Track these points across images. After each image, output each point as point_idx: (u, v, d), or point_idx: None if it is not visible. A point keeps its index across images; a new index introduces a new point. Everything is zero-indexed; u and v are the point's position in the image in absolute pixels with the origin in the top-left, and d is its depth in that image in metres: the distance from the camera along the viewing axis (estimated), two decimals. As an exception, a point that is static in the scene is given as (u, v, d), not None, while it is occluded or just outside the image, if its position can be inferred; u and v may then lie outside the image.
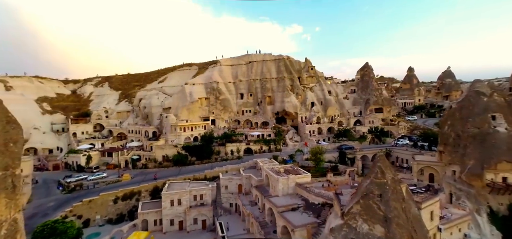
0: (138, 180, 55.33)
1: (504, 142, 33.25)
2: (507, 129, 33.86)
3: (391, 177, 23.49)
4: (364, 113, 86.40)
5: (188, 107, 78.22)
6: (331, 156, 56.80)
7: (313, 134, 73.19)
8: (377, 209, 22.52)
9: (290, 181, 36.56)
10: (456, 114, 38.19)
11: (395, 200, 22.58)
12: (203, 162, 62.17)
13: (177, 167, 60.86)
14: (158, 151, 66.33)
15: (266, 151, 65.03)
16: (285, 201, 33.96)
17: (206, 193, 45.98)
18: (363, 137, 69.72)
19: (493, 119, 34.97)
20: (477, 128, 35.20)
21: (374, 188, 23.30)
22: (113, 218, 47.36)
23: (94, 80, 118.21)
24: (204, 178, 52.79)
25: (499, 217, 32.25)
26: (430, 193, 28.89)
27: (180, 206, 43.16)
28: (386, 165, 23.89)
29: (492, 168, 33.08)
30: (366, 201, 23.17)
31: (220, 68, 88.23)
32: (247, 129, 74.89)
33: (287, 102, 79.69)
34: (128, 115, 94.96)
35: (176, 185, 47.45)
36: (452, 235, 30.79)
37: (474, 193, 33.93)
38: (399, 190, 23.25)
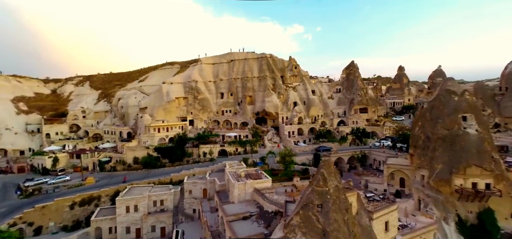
0: (103, 184, 52.40)
1: (474, 145, 30.83)
2: (477, 131, 31.44)
3: (335, 185, 20.90)
4: (348, 113, 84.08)
5: (165, 107, 75.37)
6: (305, 158, 54.24)
7: (292, 135, 70.62)
8: (315, 222, 19.92)
9: (247, 187, 33.92)
10: (426, 115, 35.75)
11: (336, 211, 19.99)
12: (174, 164, 59.37)
13: (146, 170, 58.02)
14: (129, 153, 63.36)
15: (241, 152, 62.33)
16: (238, 209, 31.30)
17: (167, 198, 43.31)
18: (343, 138, 67.22)
19: (464, 120, 32.55)
20: (447, 129, 32.78)
21: (315, 197, 20.70)
22: (68, 225, 44.45)
23: (75, 79, 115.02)
24: (170, 181, 50.08)
25: (468, 226, 29.81)
26: (387, 201, 26.36)
27: (136, 213, 40.41)
28: (330, 171, 21.29)
29: (461, 172, 30.64)
30: (306, 212, 20.56)
31: (200, 67, 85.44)
32: (224, 129, 72.12)
33: (267, 102, 77.07)
34: (107, 115, 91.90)
35: (137, 190, 44.69)
36: (415, 247, 28.29)
37: (442, 199, 31.48)
38: (343, 199, 20.66)
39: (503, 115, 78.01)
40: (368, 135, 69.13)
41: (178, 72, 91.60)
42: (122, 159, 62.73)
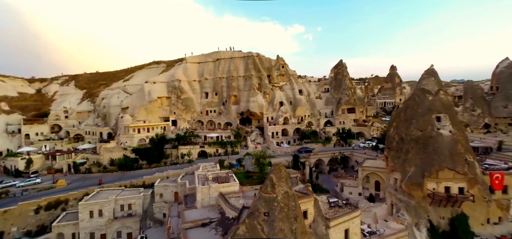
0: (74, 187, 50.46)
1: (447, 147, 29.30)
2: (451, 132, 29.93)
3: (284, 191, 19.22)
4: (335, 113, 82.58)
5: (146, 107, 73.47)
6: (284, 160, 52.53)
7: (276, 136, 68.95)
8: (260, 232, 18.23)
9: (212, 191, 32.13)
10: (401, 115, 34.24)
11: (284, 219, 18.32)
12: (152, 166, 57.49)
13: (122, 172, 56.09)
14: (105, 154, 61.41)
15: (222, 154, 60.53)
16: (199, 214, 29.52)
17: (136, 202, 41.46)
18: (328, 139, 65.65)
19: (438, 120, 31.03)
20: (420, 130, 31.24)
21: (261, 205, 19.03)
22: (32, 230, 42.40)
23: (61, 78, 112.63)
24: (143, 184, 48.15)
25: (439, 233, 28.26)
26: (350, 207, 24.71)
27: (101, 218, 38.47)
28: (280, 177, 19.61)
29: (433, 176, 29.09)
30: (251, 221, 18.88)
31: (185, 66, 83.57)
32: (206, 130, 70.30)
33: (252, 102, 75.37)
34: (90, 115, 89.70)
35: (104, 193, 42.76)
36: (382, 255, 26.65)
37: (414, 204, 29.92)
38: (293, 207, 18.99)
39: (493, 116, 76.97)
40: (353, 136, 67.61)
41: (163, 71, 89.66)
42: (98, 161, 60.76)
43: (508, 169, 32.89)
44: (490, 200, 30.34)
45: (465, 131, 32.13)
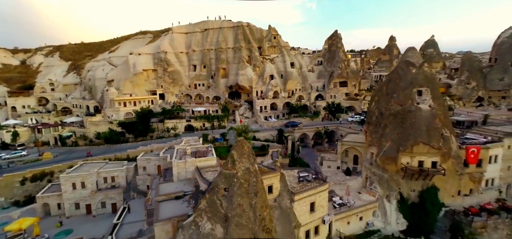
0: (60, 159, 50.79)
1: (424, 122, 28.78)
2: (430, 107, 29.19)
3: (245, 168, 18.94)
4: (327, 87, 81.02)
5: (132, 80, 71.38)
6: (269, 134, 52.50)
7: (264, 110, 68.19)
8: (219, 206, 18.30)
9: (188, 165, 32.22)
10: (383, 89, 33.19)
11: (243, 195, 18.28)
12: (138, 140, 57.45)
13: (108, 145, 56.17)
14: (91, 128, 61.04)
15: (208, 128, 60.27)
16: (174, 188, 29.94)
17: (119, 174, 41.96)
18: (316, 113, 65.11)
19: (419, 94, 30.08)
20: (400, 104, 30.45)
21: (221, 181, 18.87)
22: (20, 200, 43.41)
23: (45, 49, 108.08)
24: (127, 157, 48.42)
25: (408, 204, 29.01)
26: (318, 181, 24.86)
27: (84, 189, 39.18)
28: (241, 153, 19.19)
29: (408, 150, 28.99)
30: (211, 196, 18.87)
31: (171, 37, 79.59)
32: (193, 104, 69.19)
33: (241, 75, 73.28)
34: (76, 88, 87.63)
35: (87, 166, 43.17)
36: (350, 225, 27.60)
37: (387, 178, 30.28)
38: (253, 182, 18.85)
39: (488, 89, 75.96)
40: (341, 110, 67.01)
41: (150, 42, 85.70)
42: (84, 134, 60.53)
43: (485, 143, 32.89)
44: (463, 174, 30.73)
45: (445, 105, 31.40)
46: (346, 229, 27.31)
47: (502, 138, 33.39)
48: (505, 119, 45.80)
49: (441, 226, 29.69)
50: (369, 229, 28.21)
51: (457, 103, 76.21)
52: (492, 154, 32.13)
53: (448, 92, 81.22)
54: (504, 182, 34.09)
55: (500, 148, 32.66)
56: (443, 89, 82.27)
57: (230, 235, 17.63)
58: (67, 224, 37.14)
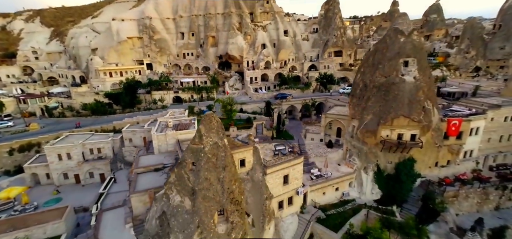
0: (47, 130, 50.66)
1: (407, 94, 28.06)
2: (415, 78, 28.23)
3: (214, 142, 18.66)
4: (321, 57, 78.23)
5: (116, 48, 68.19)
6: (257, 106, 51.86)
7: (255, 81, 66.57)
8: (187, 180, 18.41)
9: (168, 138, 32.10)
10: (369, 60, 31.81)
11: (210, 169, 18.28)
12: (125, 111, 56.77)
13: (95, 117, 55.66)
14: (78, 99, 59.96)
15: (197, 100, 59.31)
16: (155, 160, 30.20)
17: (105, 146, 42.11)
18: (307, 85, 63.79)
19: (405, 65, 28.90)
20: (385, 76, 29.41)
21: (188, 155, 18.70)
22: (10, 169, 44.27)
23: (24, 14, 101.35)
24: (113, 129, 48.27)
25: (384, 176, 29.70)
26: (293, 155, 24.96)
27: (70, 160, 39.64)
28: (210, 128, 18.75)
29: (388, 123, 28.77)
30: (179, 170, 18.89)
31: (156, 1, 74.14)
32: (182, 74, 67.18)
33: (231, 43, 70.00)
34: (61, 57, 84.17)
35: (72, 138, 43.15)
36: (325, 195, 28.50)
37: (366, 150, 30.53)
38: (222, 157, 18.74)
39: (487, 58, 73.69)
40: (333, 81, 65.58)
41: (134, 6, 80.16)
42: (71, 105, 59.63)
43: (469, 115, 32.65)
44: (441, 146, 30.98)
45: (431, 76, 30.38)
46: (322, 199, 28.25)
47: (487, 110, 33.07)
48: (495, 90, 45.07)
49: (414, 195, 30.80)
50: (344, 199, 29.22)
51: (453, 74, 74.64)
52: (473, 126, 32.08)
53: (446, 62, 78.95)
54: (482, 154, 34.67)
55: (483, 120, 32.52)
56: (442, 59, 79.89)
57: (197, 208, 18.02)
58: (42, 194, 38.25)
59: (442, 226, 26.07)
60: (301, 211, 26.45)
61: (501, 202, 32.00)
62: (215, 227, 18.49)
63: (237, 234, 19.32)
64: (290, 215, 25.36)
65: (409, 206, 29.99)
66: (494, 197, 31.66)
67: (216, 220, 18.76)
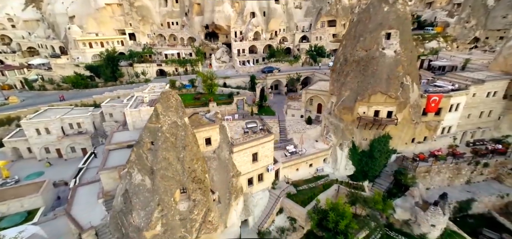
0: (29, 104, 49.53)
1: (386, 69, 26.93)
2: (396, 52, 26.86)
3: (172, 121, 18.05)
4: (313, 27, 74.43)
5: (95, 16, 63.94)
6: (242, 81, 50.40)
7: (242, 53, 63.94)
8: (145, 160, 18.16)
9: (142, 114, 31.40)
10: (351, 32, 29.98)
11: (169, 149, 17.94)
12: (107, 85, 55.10)
13: (77, 90, 54.16)
14: (58, 71, 57.77)
15: (182, 73, 57.37)
16: (128, 136, 29.83)
17: (84, 121, 41.52)
18: (296, 58, 61.49)
19: (387, 38, 27.31)
20: (365, 50, 27.96)
21: (146, 135, 18.20)
22: (-9, 144, 44.05)
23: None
24: (93, 103, 47.25)
25: (358, 152, 29.85)
26: (264, 132, 24.58)
27: (50, 135, 39.34)
28: (167, 106, 17.98)
29: (365, 100, 28.08)
30: (138, 150, 18.53)
31: (135, -38, 67.61)
32: (165, 46, 64.09)
33: (218, 12, 65.75)
34: (39, 25, 79.32)
35: (51, 112, 42.38)
36: (299, 171, 28.86)
37: (342, 127, 30.25)
38: (182, 136, 18.27)
39: (487, 28, 70.59)
40: (323, 54, 63.17)
41: (112, -32, 73.31)
42: (51, 78, 57.62)
43: (452, 90, 31.93)
44: (418, 122, 30.73)
45: (414, 49, 28.92)
46: (295, 175, 28.65)
47: (470, 85, 32.26)
48: (485, 64, 43.71)
49: (387, 171, 31.35)
50: (318, 175, 29.68)
51: (450, 46, 72.12)
52: (454, 102, 31.53)
53: (444, 32, 75.77)
54: (461, 129, 34.66)
55: (464, 96, 31.88)
56: (440, 29, 76.73)
57: (156, 186, 18.04)
58: (39, 166, 38.65)
59: (408, 200, 26.90)
60: (273, 186, 26.94)
61: (472, 176, 32.82)
62: (176, 205, 18.75)
63: (200, 211, 19.72)
64: (261, 191, 25.87)
65: (381, 181, 30.66)
66: (466, 172, 32.37)
67: (178, 198, 18.96)
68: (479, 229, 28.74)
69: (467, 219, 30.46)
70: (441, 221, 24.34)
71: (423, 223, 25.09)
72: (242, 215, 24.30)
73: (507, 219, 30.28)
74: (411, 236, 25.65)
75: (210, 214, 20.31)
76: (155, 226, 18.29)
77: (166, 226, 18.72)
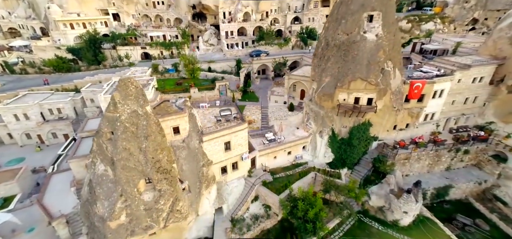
0: (10, 88, 48.17)
1: (367, 54, 25.82)
2: (377, 36, 25.61)
3: (132, 110, 17.29)
4: (306, 7, 71.31)
5: (75, -5, 60.64)
6: (227, 65, 48.91)
7: (231, 36, 61.64)
8: (105, 150, 17.63)
9: (118, 99, 30.36)
10: (334, 13, 28.43)
11: (129, 139, 17.34)
12: (90, 68, 53.39)
13: (59, 74, 52.54)
14: (39, 53, 55.73)
15: (167, 56, 55.49)
16: (103, 123, 29.08)
17: (64, 106, 40.64)
18: (285, 40, 59.42)
19: (369, 20, 25.93)
20: (346, 33, 26.66)
21: (105, 124, 17.52)
22: (-29, 126, 43.31)
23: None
24: (74, 88, 46.00)
25: (338, 140, 29.49)
26: (237, 121, 23.91)
27: (29, 121, 38.61)
28: (126, 94, 17.12)
29: (345, 87, 27.23)
30: (98, 140, 17.94)
31: None
32: (150, 27, 61.50)
33: (205, -10, 62.58)
34: (19, 4, 75.53)
35: (30, 97, 41.39)
36: (276, 159, 28.64)
37: (322, 114, 29.62)
38: (143, 126, 17.61)
39: (487, 9, 68.03)
40: (314, 37, 61.02)
41: None
42: (32, 61, 55.68)
43: (436, 76, 31.01)
44: (399, 109, 30.15)
45: (397, 33, 27.58)
46: (273, 163, 28.45)
47: (455, 71, 31.32)
48: (477, 47, 42.39)
49: (367, 158, 31.25)
50: (296, 162, 29.51)
51: (447, 27, 69.89)
52: (437, 88, 30.73)
53: (442, 13, 73.17)
54: (445, 116, 34.19)
55: (449, 82, 31.03)
56: (439, 9, 74.20)
57: (118, 177, 17.68)
58: (21, 152, 38.32)
59: (384, 188, 26.96)
60: (249, 174, 26.81)
61: (452, 163, 32.87)
62: (140, 195, 18.52)
63: (167, 201, 19.56)
64: (236, 179, 25.74)
65: (360, 168, 30.66)
66: (446, 159, 32.36)
67: (142, 188, 18.70)
68: (454, 215, 29.22)
69: (443, 205, 30.92)
70: (413, 208, 24.53)
71: (396, 210, 25.31)
72: (216, 203, 24.33)
73: (482, 205, 30.74)
74: (385, 222, 26.00)
75: (178, 204, 20.20)
76: (119, 216, 18.18)
77: (131, 216, 18.63)
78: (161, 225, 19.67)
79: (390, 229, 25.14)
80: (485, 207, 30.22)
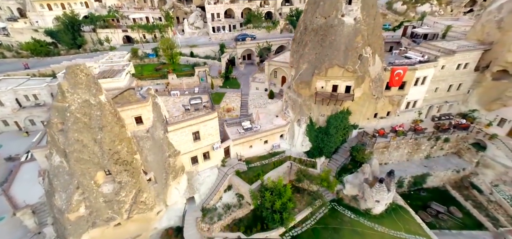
0: (-15, 74, 46.51)
1: (344, 40, 24.57)
2: (355, 20, 24.24)
3: (84, 100, 16.37)
4: (297, -12, 67.94)
5: (51, -27, 56.98)
6: (211, 50, 47.13)
7: (217, 18, 59.04)
8: (57, 142, 16.89)
9: (89, 86, 29.15)
10: (313, -4, 26.73)
11: (80, 130, 16.56)
12: (70, 52, 51.38)
13: (38, 58, 50.58)
14: (16, 36, 53.39)
15: (150, 40, 53.36)
16: (74, 111, 28.11)
17: (40, 92, 39.36)
18: (274, 23, 57.11)
19: (348, 3, 24.42)
20: (325, 17, 25.21)
21: (54, 115, 16.65)
22: None
23: None
24: (52, 74, 44.38)
25: (315, 128, 28.90)
26: (206, 110, 23.06)
27: (4, 107, 37.55)
28: (75, 83, 16.12)
29: (322, 74, 26.22)
30: (50, 131, 17.15)
31: None
32: (132, 9, 58.63)
33: (190, -31, 59.02)
34: (-5, -16, 71.24)
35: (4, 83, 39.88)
36: (252, 148, 28.15)
37: (300, 102, 28.80)
38: (97, 116, 16.77)
39: None
40: (304, 19, 58.49)
41: None
42: (10, 44, 53.42)
43: (420, 62, 29.93)
44: (379, 97, 29.36)
45: (377, 17, 26.13)
46: (248, 152, 27.98)
47: (439, 57, 30.20)
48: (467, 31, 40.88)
49: (346, 146, 30.87)
50: (273, 151, 29.07)
51: (443, 9, 67.39)
52: (420, 75, 29.78)
53: (440, -5, 70.19)
54: (427, 104, 33.50)
55: (432, 68, 30.02)
56: (437, -8, 71.00)
57: (72, 170, 17.09)
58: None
59: (359, 177, 26.80)
60: (223, 164, 26.40)
61: (432, 151, 32.67)
62: (99, 187, 18.05)
63: (129, 193, 19.16)
64: (208, 169, 25.36)
65: (338, 157, 30.36)
66: (426, 147, 32.10)
67: (100, 181, 18.20)
68: (429, 202, 29.39)
69: (420, 193, 31.05)
70: (385, 197, 24.48)
71: (369, 199, 25.29)
72: (187, 193, 24.08)
73: (459, 192, 30.92)
74: (358, 211, 26.07)
75: (142, 195, 19.85)
76: (77, 208, 17.82)
77: (90, 208, 18.29)
78: (124, 217, 19.43)
79: (362, 218, 25.24)
80: (461, 195, 30.40)
